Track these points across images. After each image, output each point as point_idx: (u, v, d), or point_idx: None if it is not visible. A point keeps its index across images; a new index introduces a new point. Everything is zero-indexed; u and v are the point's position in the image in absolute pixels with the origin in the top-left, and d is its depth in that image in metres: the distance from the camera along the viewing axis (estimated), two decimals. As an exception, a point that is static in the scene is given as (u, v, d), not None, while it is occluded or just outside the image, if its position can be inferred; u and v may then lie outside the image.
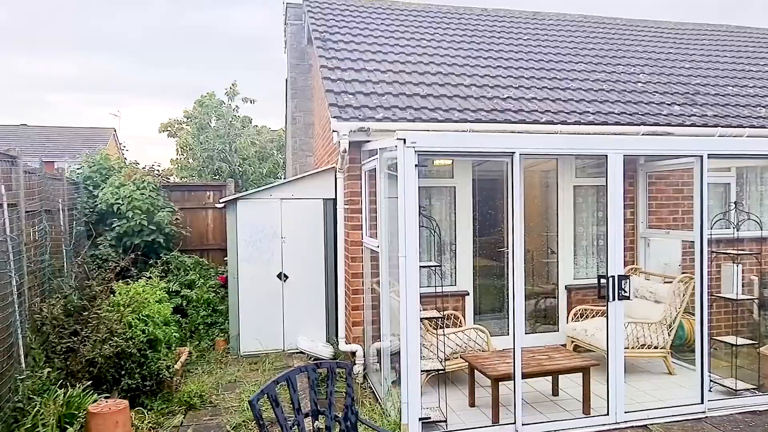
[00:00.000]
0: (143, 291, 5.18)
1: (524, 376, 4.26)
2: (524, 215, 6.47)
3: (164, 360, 4.83)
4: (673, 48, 8.85)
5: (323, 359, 6.20)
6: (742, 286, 6.29)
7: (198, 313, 7.01)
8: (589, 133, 5.60)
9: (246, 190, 8.59)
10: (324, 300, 6.62)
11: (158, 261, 7.29)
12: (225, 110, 15.56)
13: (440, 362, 4.43)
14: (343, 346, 5.87)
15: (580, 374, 4.49)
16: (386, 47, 7.41)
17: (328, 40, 7.38)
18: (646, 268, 6.28)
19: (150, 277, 6.28)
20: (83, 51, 60.06)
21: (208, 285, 7.34)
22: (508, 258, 4.11)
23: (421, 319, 4.34)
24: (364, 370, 5.65)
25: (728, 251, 5.16)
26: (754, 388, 4.79)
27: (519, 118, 5.65)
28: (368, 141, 5.31)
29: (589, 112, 6.02)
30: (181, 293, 6.96)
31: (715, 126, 6.03)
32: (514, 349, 4.08)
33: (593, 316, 5.81)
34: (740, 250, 5.11)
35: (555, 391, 4.90)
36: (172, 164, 16.28)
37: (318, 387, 2.93)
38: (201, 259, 7.92)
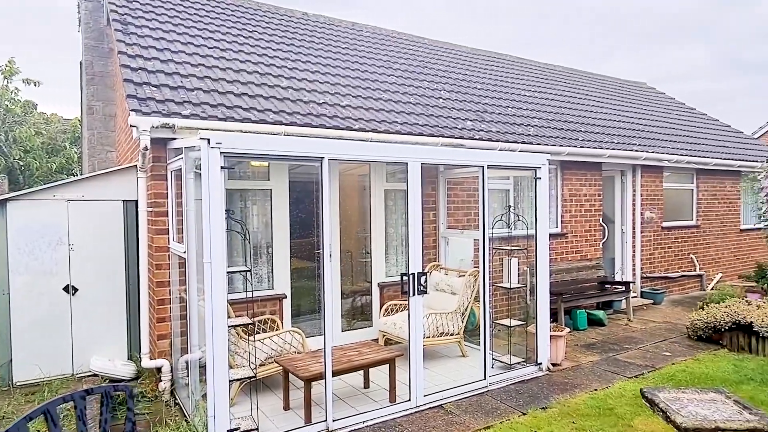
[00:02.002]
0: None
1: (336, 373, 4.42)
2: (345, 217, 6.81)
3: None
4: (469, 70, 10.12)
5: (123, 379, 5.56)
6: (519, 276, 7.50)
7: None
8: (396, 142, 6.08)
9: (29, 188, 7.22)
10: (125, 313, 5.93)
11: None
12: (-1, 92, 12.90)
13: (252, 369, 4.32)
14: (147, 363, 5.34)
15: (388, 366, 4.83)
16: (199, 39, 6.98)
17: (130, 24, 6.64)
18: (446, 264, 7.05)
19: None
20: None
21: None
22: (322, 260, 4.20)
23: (232, 326, 4.19)
24: (172, 386, 5.22)
25: (504, 247, 6.08)
26: (523, 361, 5.74)
27: (334, 123, 5.85)
28: (174, 138, 4.93)
29: (397, 122, 6.53)
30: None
31: (497, 141, 7.06)
32: (324, 348, 4.19)
33: (401, 311, 6.30)
34: (513, 246, 6.07)
35: (366, 384, 5.19)
36: None
37: (116, 411, 2.60)
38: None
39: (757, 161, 10.86)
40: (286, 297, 6.02)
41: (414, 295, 4.59)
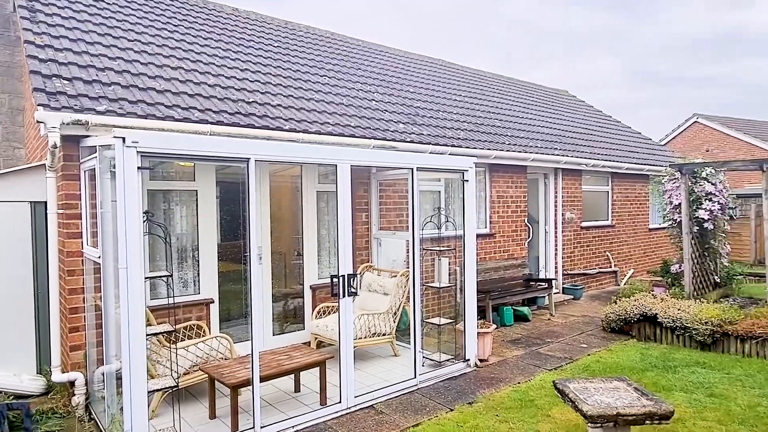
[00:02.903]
0: None
1: (264, 378, 4.33)
2: (277, 218, 6.69)
3: None
4: (402, 74, 10.27)
5: (32, 395, 5.14)
6: (450, 275, 7.71)
7: None
8: (328, 143, 6.07)
9: None
10: (34, 323, 5.48)
11: None
12: None
13: (174, 378, 4.14)
14: (59, 376, 4.97)
15: (319, 368, 4.80)
16: (118, 30, 6.60)
17: (38, 11, 6.16)
18: (379, 265, 7.12)
19: None
20: None
21: None
22: (248, 263, 4.09)
23: (152, 334, 3.99)
24: (87, 400, 4.89)
25: (434, 248, 6.23)
26: (453, 358, 5.91)
27: (263, 123, 5.73)
28: (88, 136, 4.62)
29: (329, 123, 6.50)
30: None
31: (428, 144, 7.23)
32: (252, 353, 4.09)
33: (334, 313, 6.28)
34: (444, 246, 6.24)
35: (297, 388, 5.13)
36: None
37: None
38: None
39: (662, 166, 11.84)
40: (213, 302, 5.82)
41: (344, 296, 4.59)
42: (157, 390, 4.00)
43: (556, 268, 10.01)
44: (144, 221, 3.62)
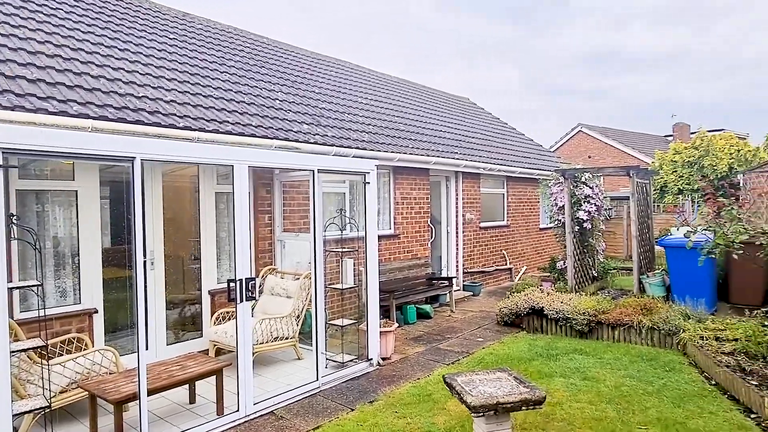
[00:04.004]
0: None
1: (154, 391, 4.08)
2: (173, 220, 6.30)
3: None
4: (308, 74, 10.19)
5: None
6: (355, 276, 7.78)
7: None
8: (227, 143, 5.85)
9: None
10: None
11: None
12: None
13: (47, 398, 3.75)
14: None
15: (216, 377, 4.61)
16: (-20, 10, 5.84)
17: None
18: (282, 268, 7.00)
19: None
20: None
21: None
22: (134, 269, 3.81)
23: (19, 350, 3.59)
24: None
25: (337, 249, 6.26)
26: (356, 358, 5.97)
27: (154, 120, 5.39)
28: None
29: (228, 122, 6.28)
30: None
31: (332, 145, 7.24)
32: (138, 365, 3.83)
33: (234, 318, 6.06)
34: (347, 247, 6.29)
35: (192, 399, 4.89)
36: None
37: None
38: None
39: (551, 171, 12.90)
40: (97, 312, 5.36)
41: (242, 301, 4.46)
42: (26, 412, 3.61)
43: (457, 266, 10.50)
44: (9, 225, 3.25)
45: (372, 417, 4.52)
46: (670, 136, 27.81)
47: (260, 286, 6.63)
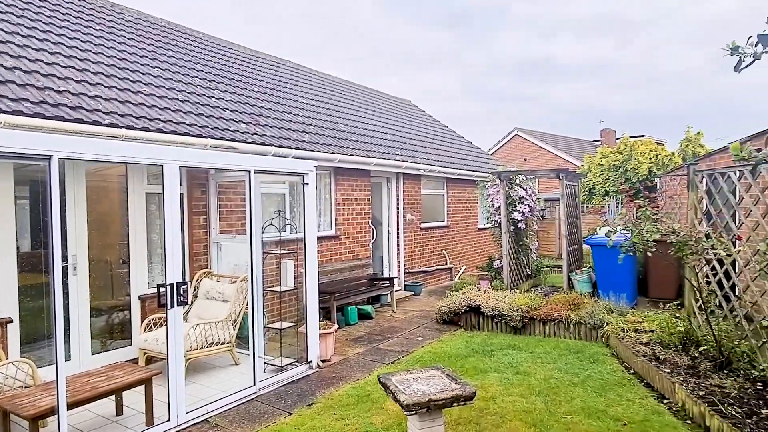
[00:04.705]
0: None
1: (75, 404, 3.85)
2: (99, 223, 5.95)
3: None
4: (247, 72, 9.95)
5: None
6: (295, 278, 7.68)
7: None
8: (158, 141, 5.61)
9: None
10: None
11: None
12: None
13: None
14: None
15: (145, 387, 4.40)
16: None
17: None
18: (219, 271, 6.79)
19: None
20: None
21: None
22: (52, 274, 3.56)
23: None
24: None
25: (275, 251, 6.17)
26: (295, 361, 5.90)
27: (76, 116, 5.07)
28: None
29: (160, 119, 6.02)
30: None
31: (271, 145, 7.12)
32: (57, 377, 3.59)
33: (165, 324, 5.82)
34: (286, 249, 6.21)
35: (119, 411, 4.65)
36: None
37: None
38: None
39: (488, 173, 13.34)
40: (11, 321, 4.97)
41: (172, 307, 4.29)
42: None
43: (398, 266, 10.62)
44: None
45: (310, 420, 4.48)
46: (598, 141, 29.53)
47: (195, 290, 6.41)
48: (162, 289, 4.26)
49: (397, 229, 10.62)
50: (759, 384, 4.42)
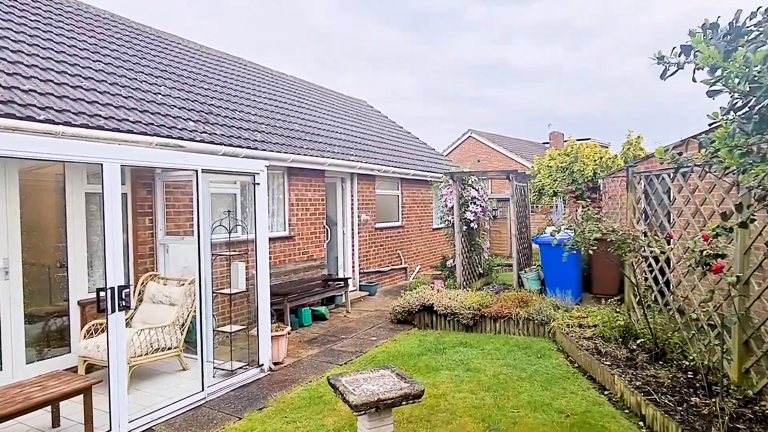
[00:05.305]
0: None
1: (6, 417, 3.62)
2: (34, 224, 5.60)
3: None
4: (196, 68, 9.66)
5: None
6: (247, 280, 7.53)
7: None
8: (99, 139, 5.36)
9: None
10: None
11: None
12: None
13: None
14: None
15: (84, 396, 4.19)
16: None
17: None
18: (166, 273, 6.56)
19: None
20: None
21: None
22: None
23: None
24: None
25: (225, 252, 6.02)
26: (246, 365, 5.78)
27: (7, 111, 4.76)
28: None
29: (101, 115, 5.75)
30: None
31: (221, 144, 6.95)
32: (-16, 390, 3.37)
33: (106, 330, 5.56)
34: (236, 250, 6.07)
35: (56, 422, 4.40)
36: None
37: None
38: None
39: (442, 173, 13.55)
40: (-67, 331, 4.62)
41: (113, 311, 4.11)
42: None
43: (353, 267, 10.61)
44: None
45: (260, 424, 4.41)
46: (547, 143, 30.60)
47: (140, 293, 6.17)
48: (102, 294, 4.07)
49: (352, 229, 10.61)
50: (690, 373, 4.71)
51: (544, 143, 32.81)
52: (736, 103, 1.87)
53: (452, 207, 9.65)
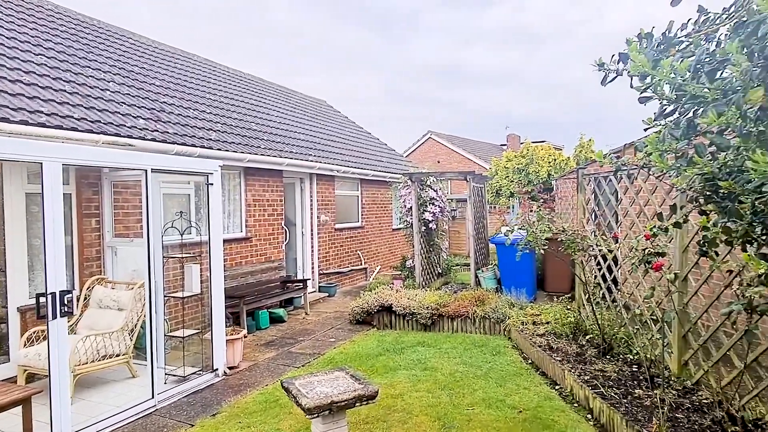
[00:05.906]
0: None
1: (-68, 434, 3.38)
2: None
3: None
4: (146, 65, 9.34)
5: None
6: (202, 282, 7.33)
7: None
8: (41, 136, 5.09)
9: None
10: None
11: None
12: None
13: None
14: None
15: (22, 407, 3.97)
16: None
17: None
18: (115, 277, 6.30)
19: None
20: None
21: None
22: None
23: None
24: None
25: (177, 255, 5.85)
26: (200, 370, 5.63)
27: (-64, 105, 4.46)
28: None
29: (42, 112, 5.46)
30: None
31: (174, 143, 6.74)
32: None
33: (47, 338, 5.29)
34: (189, 252, 5.90)
35: (-9, 437, 4.16)
36: None
37: None
38: None
39: (402, 174, 13.63)
40: None
41: (55, 318, 3.91)
42: None
43: (312, 268, 10.52)
44: None
45: (214, 430, 4.30)
46: (505, 145, 31.32)
47: (86, 298, 5.90)
48: (42, 299, 3.87)
49: (311, 230, 10.51)
50: (634, 366, 4.92)
51: (501, 145, 33.56)
52: (665, 109, 1.98)
53: (411, 208, 9.72)
